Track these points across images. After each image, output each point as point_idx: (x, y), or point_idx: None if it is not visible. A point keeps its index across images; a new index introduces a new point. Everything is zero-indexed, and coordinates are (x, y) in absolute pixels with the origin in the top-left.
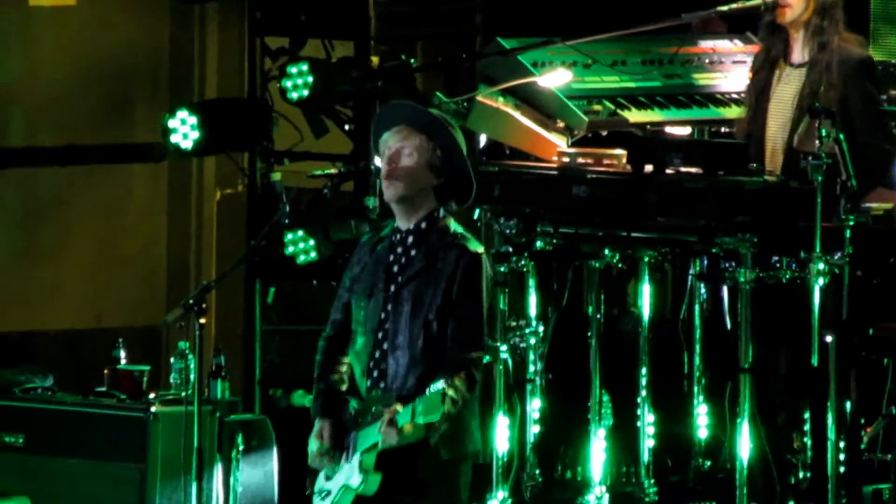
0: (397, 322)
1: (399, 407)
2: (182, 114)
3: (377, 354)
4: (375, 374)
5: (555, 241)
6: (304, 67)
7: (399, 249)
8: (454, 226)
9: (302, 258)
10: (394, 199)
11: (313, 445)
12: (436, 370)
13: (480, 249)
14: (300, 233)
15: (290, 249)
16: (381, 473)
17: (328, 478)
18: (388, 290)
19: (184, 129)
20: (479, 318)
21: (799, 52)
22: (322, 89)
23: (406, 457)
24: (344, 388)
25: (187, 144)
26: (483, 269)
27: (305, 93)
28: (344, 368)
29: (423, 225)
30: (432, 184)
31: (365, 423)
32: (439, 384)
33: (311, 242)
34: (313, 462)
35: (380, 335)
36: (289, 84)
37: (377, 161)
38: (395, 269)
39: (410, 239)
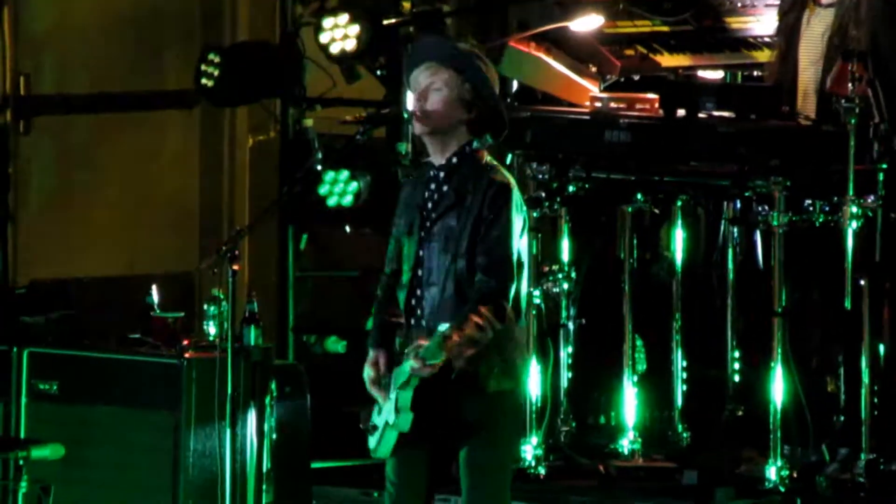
0: (431, 258)
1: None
2: (213, 58)
3: (418, 292)
4: (418, 312)
5: (587, 186)
6: (345, 19)
7: (433, 185)
8: (487, 158)
9: (349, 198)
10: (424, 133)
11: (368, 372)
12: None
13: (510, 179)
14: (329, 175)
15: (334, 200)
16: (412, 413)
17: (379, 413)
18: (424, 227)
19: (214, 74)
20: (507, 248)
21: None
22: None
23: (452, 394)
24: (400, 322)
25: (215, 87)
26: (512, 200)
27: (352, 44)
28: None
29: (455, 160)
30: (463, 118)
31: (399, 361)
32: (441, 327)
33: (345, 174)
34: (370, 389)
35: (419, 272)
36: (328, 38)
37: (409, 105)
38: (430, 205)
39: (442, 174)
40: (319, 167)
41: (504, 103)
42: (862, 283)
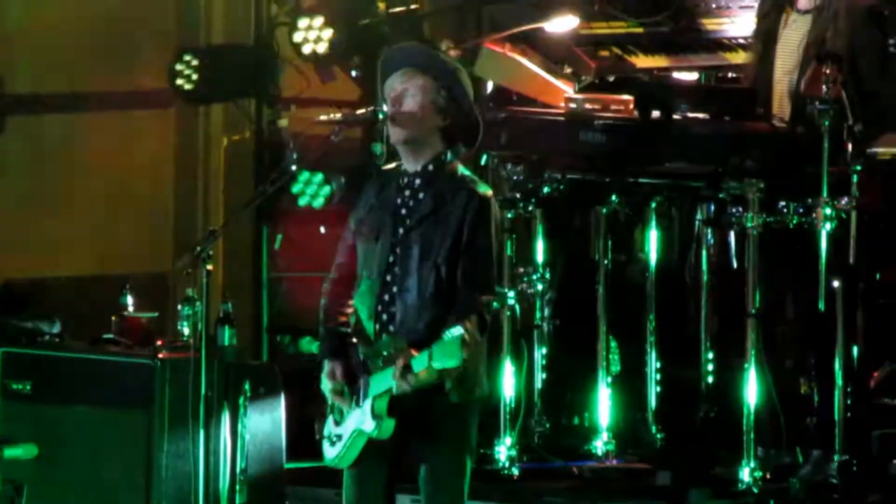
0: (406, 265)
1: (414, 352)
2: (188, 58)
3: (386, 298)
4: (384, 317)
5: (562, 187)
6: (319, 22)
7: (407, 192)
8: (462, 169)
9: (320, 200)
10: (399, 141)
11: (327, 384)
12: (445, 314)
13: (489, 192)
14: (304, 175)
15: (305, 200)
16: (394, 418)
17: (337, 423)
18: (396, 234)
19: (189, 74)
20: (490, 261)
21: None
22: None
23: (416, 402)
24: (349, 331)
25: (193, 90)
26: (492, 212)
27: (324, 47)
28: (349, 311)
29: (431, 167)
30: (438, 125)
31: (376, 368)
32: (456, 330)
33: (319, 177)
34: (335, 400)
35: (388, 278)
36: (301, 38)
37: (384, 107)
38: (403, 211)
39: (418, 181)
40: (294, 167)
41: (478, 108)
42: (835, 284)
